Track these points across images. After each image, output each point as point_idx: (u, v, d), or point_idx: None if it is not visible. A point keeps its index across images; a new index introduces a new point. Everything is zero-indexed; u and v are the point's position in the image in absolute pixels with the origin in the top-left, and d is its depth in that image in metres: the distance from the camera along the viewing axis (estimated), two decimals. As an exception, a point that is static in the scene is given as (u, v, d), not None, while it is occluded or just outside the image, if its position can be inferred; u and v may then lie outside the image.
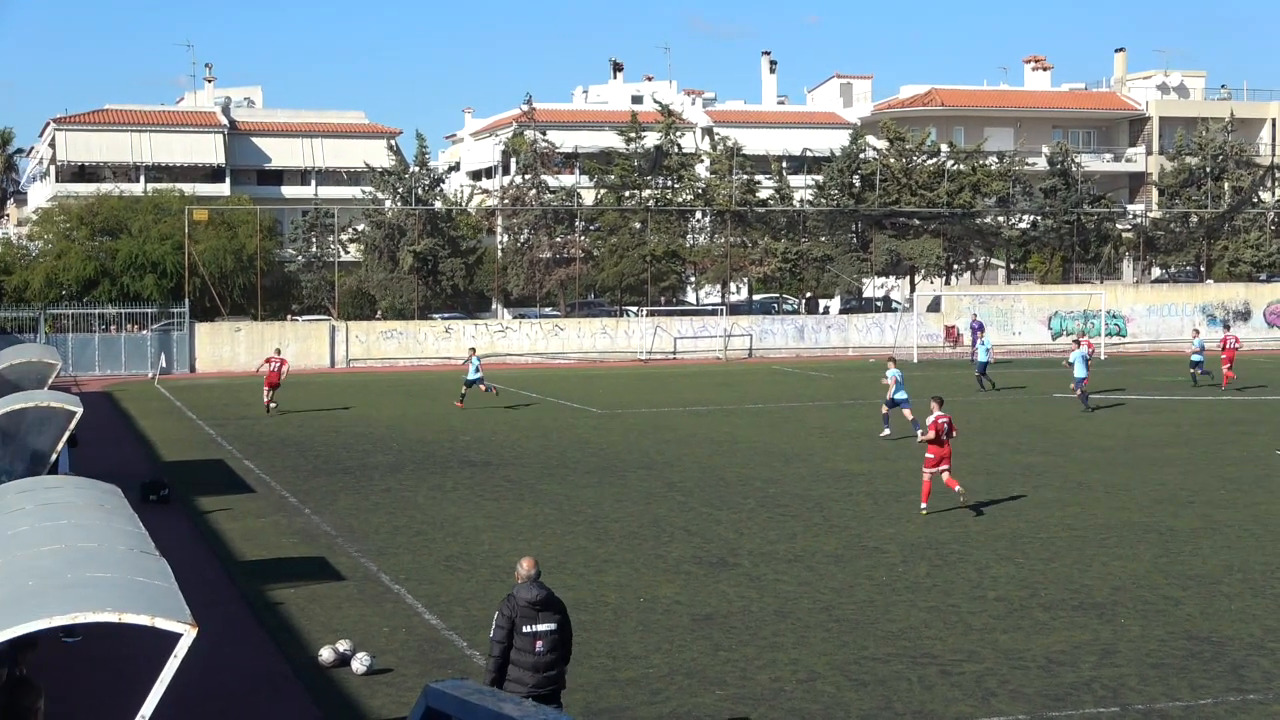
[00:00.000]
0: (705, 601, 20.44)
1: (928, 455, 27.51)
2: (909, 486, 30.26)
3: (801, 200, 79.40)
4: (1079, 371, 45.69)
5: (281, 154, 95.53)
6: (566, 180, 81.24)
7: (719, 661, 17.55)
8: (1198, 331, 59.40)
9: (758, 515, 27.15)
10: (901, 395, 38.70)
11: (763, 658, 17.71)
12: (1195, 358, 54.27)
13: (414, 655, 17.93)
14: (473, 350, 49.50)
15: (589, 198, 79.11)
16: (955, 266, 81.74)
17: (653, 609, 20.05)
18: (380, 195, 76.70)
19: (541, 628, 13.54)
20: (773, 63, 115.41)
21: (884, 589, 21.10)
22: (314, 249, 76.46)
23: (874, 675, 16.91)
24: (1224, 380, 52.96)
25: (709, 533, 25.45)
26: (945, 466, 27.38)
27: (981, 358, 53.46)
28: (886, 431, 38.70)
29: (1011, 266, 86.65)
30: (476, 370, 46.91)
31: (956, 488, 27.21)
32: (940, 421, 27.31)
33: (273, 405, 45.81)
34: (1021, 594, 20.71)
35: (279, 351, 48.24)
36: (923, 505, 27.27)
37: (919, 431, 30.83)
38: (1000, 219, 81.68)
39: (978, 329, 64.59)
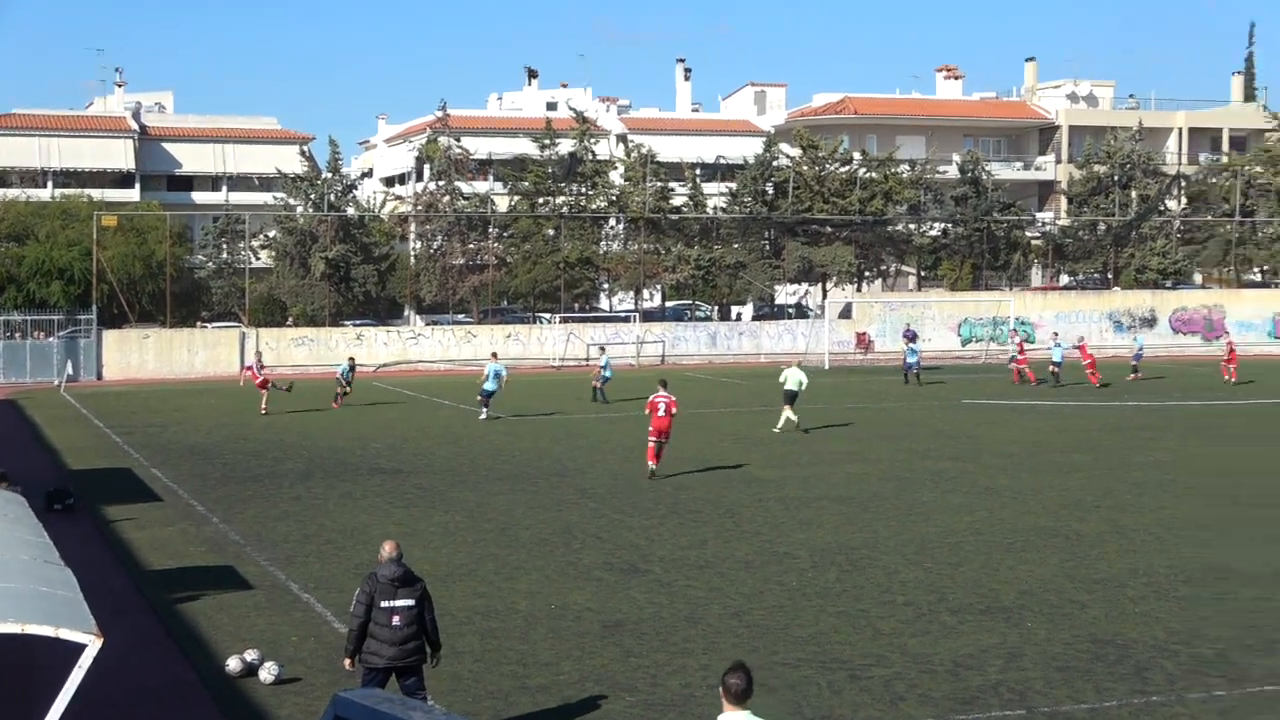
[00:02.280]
0: (616, 608, 20.44)
1: (650, 428, 32.57)
2: (820, 492, 30.44)
3: (715, 207, 79.67)
4: (1056, 356, 57.13)
5: (192, 159, 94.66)
6: (480, 187, 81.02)
7: (629, 668, 17.56)
8: (1056, 334, 63.11)
9: (669, 522, 27.19)
10: (790, 389, 41.74)
11: (673, 664, 17.73)
12: (1056, 359, 58.06)
13: (323, 664, 17.80)
14: (351, 359, 52.44)
15: (503, 204, 78.94)
16: (867, 273, 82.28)
17: (563, 616, 20.03)
18: (292, 201, 76.12)
19: (399, 603, 14.32)
20: (687, 70, 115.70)
21: (794, 594, 21.18)
22: (225, 255, 75.86)
23: (783, 680, 16.97)
24: (1093, 381, 56.57)
25: (620, 539, 25.46)
26: (664, 440, 32.48)
27: (910, 358, 58.40)
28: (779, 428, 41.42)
29: (922, 273, 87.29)
30: (346, 374, 50.09)
31: (654, 464, 32.26)
32: (657, 400, 32.56)
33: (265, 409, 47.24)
34: (930, 598, 20.86)
35: (260, 356, 51.14)
36: (650, 465, 32.37)
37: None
38: (911, 226, 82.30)
39: (910, 337, 65.66)
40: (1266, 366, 69.48)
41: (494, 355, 49.82)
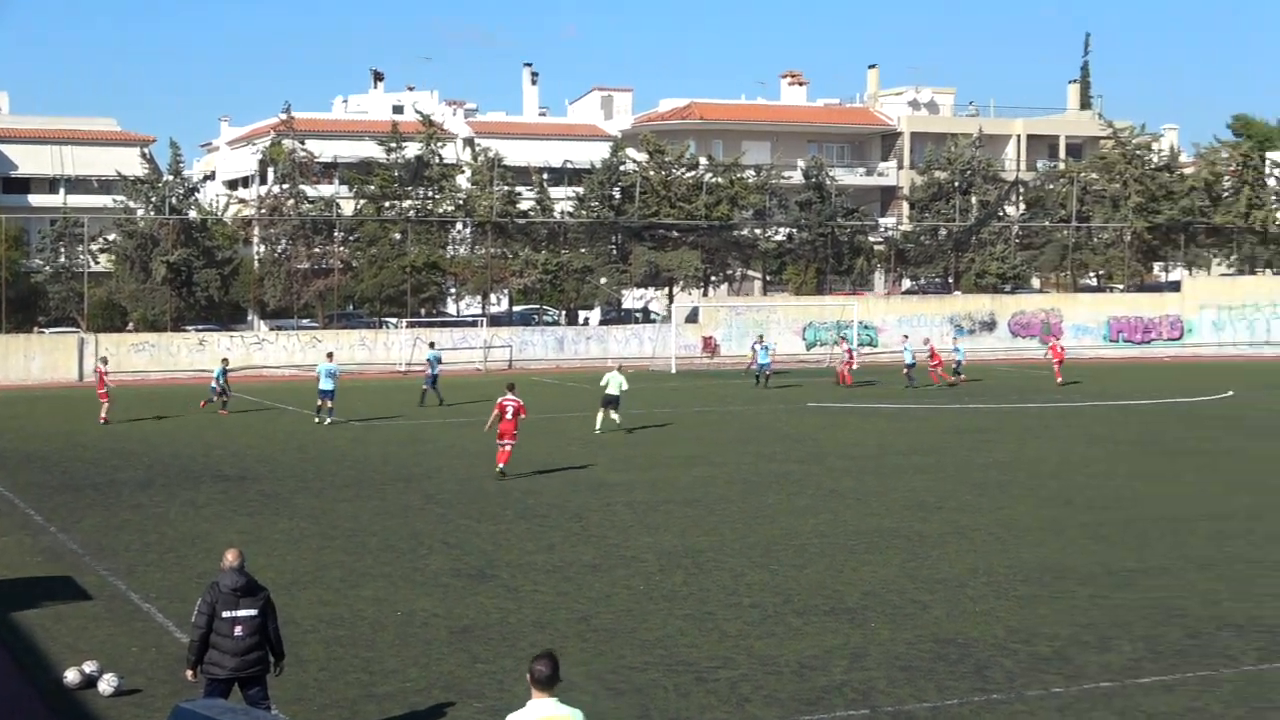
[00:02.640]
0: (463, 614, 20.38)
1: (500, 430, 33.30)
2: (667, 496, 30.59)
3: (562, 212, 79.66)
4: (907, 358, 58.96)
5: (28, 161, 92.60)
6: (325, 190, 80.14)
7: (477, 674, 17.52)
8: (906, 337, 64.14)
9: (516, 526, 27.17)
10: (611, 393, 42.91)
11: (520, 669, 17.63)
12: (908, 361, 59.51)
13: (164, 675, 17.53)
14: (224, 360, 50.76)
15: (348, 208, 78.30)
16: (713, 278, 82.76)
17: (410, 622, 19.92)
18: (132, 204, 74.72)
19: (242, 613, 14.16)
20: (534, 74, 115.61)
21: (641, 598, 21.27)
22: (62, 259, 74.24)
23: (631, 684, 17.03)
24: (934, 379, 59.09)
25: (467, 545, 25.38)
26: (510, 441, 33.20)
27: (763, 359, 59.93)
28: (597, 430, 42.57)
29: (767, 278, 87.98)
30: (220, 377, 48.95)
31: (503, 465, 33.10)
32: (505, 403, 33.32)
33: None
34: (776, 600, 21.05)
35: (104, 362, 49.88)
36: (499, 466, 33.08)
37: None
38: (757, 231, 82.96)
39: (759, 342, 66.49)
40: (1102, 369, 71.06)
41: (329, 355, 49.17)
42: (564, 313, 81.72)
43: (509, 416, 33.27)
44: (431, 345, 56.34)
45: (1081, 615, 20.12)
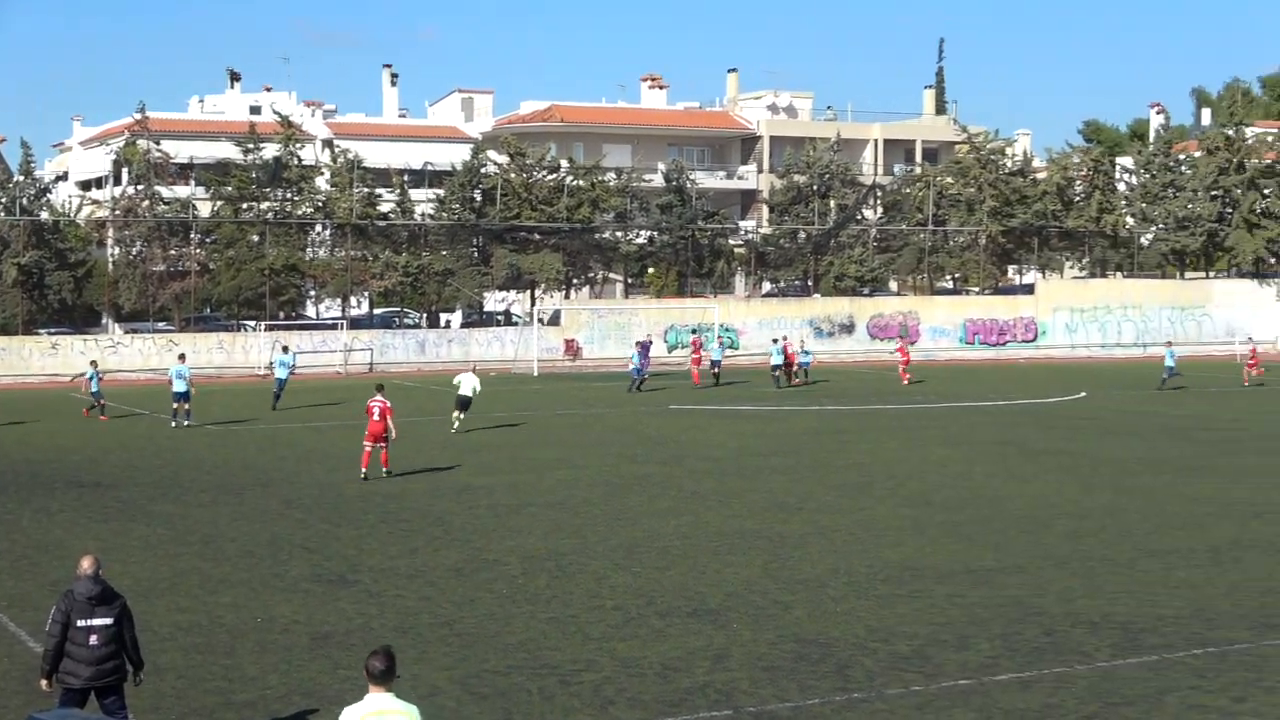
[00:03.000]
0: (324, 620, 20.18)
1: (368, 431, 33.52)
2: (530, 499, 30.54)
3: (423, 214, 79.29)
4: (776, 359, 60.92)
5: None
6: (182, 191, 79.04)
7: (338, 680, 17.34)
8: (776, 340, 64.58)
9: (378, 531, 26.97)
10: (464, 394, 43.68)
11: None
12: (775, 362, 61.19)
13: (17, 685, 17.15)
14: (94, 363, 49.67)
15: (205, 209, 77.26)
16: (575, 280, 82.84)
17: (270, 629, 19.69)
18: (-19, 205, 73.26)
19: (97, 622, 13.87)
20: (394, 75, 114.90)
21: (504, 601, 21.20)
22: (-91, 261, 72.55)
23: (494, 688, 16.97)
24: (790, 382, 61.61)
25: (328, 550, 25.15)
26: (382, 444, 33.43)
27: (716, 355, 62.64)
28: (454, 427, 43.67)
29: (629, 281, 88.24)
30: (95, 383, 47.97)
31: (385, 466, 33.50)
32: (372, 405, 33.64)
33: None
34: (638, 602, 21.08)
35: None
36: (362, 470, 33.25)
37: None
38: (618, 234, 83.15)
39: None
40: (959, 371, 72.15)
41: (181, 358, 48.53)
42: (425, 315, 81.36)
43: (376, 418, 33.45)
44: (285, 349, 55.86)
45: (940, 614, 20.37)
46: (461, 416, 43.92)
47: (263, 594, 21.76)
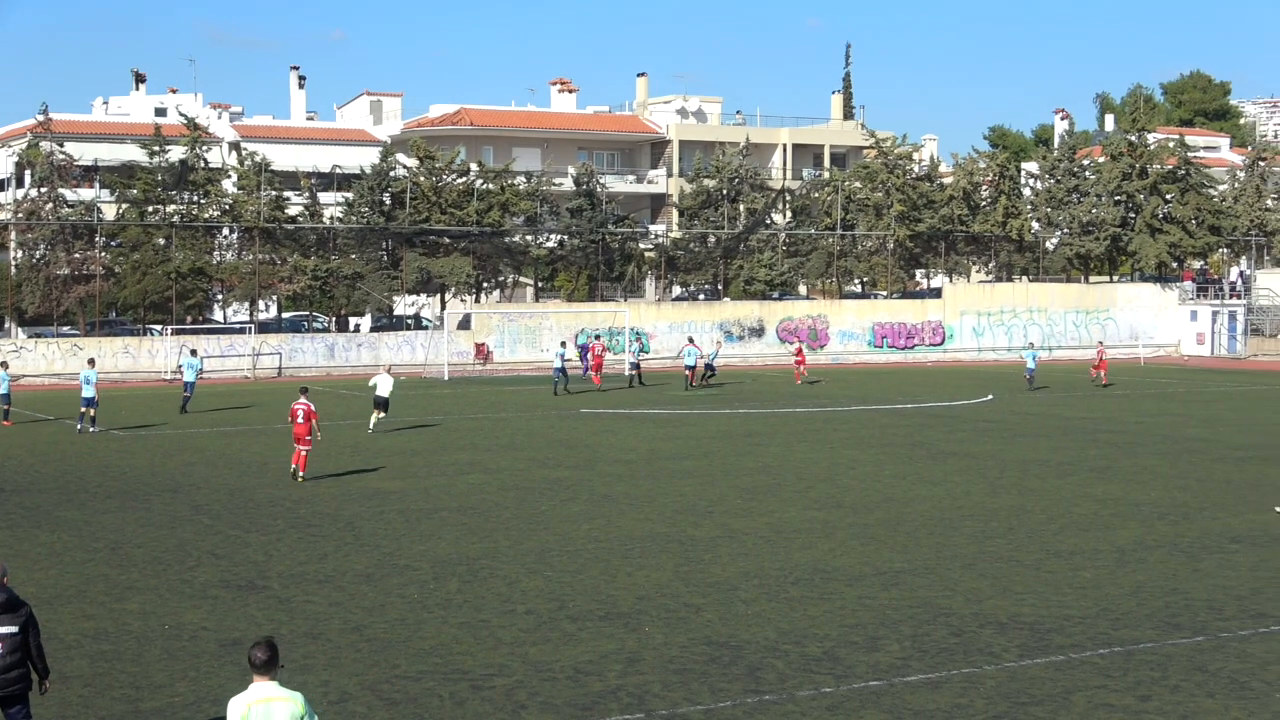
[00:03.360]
0: (233, 626, 20.02)
1: (294, 433, 34.13)
2: (441, 503, 30.44)
3: (332, 217, 78.84)
4: (689, 360, 61.87)
5: None
6: (86, 194, 78.17)
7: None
8: (691, 340, 65.46)
9: (287, 536, 26.79)
10: (382, 394, 44.25)
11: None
12: (688, 364, 62.32)
13: (-81, 695, 16.90)
14: (4, 364, 48.79)
15: (110, 212, 76.37)
16: (485, 284, 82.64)
17: (178, 636, 19.51)
18: (-121, 208, 72.13)
19: (2, 630, 13.66)
20: (301, 78, 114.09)
21: (416, 606, 21.13)
22: None
23: (406, 693, 16.91)
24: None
25: (237, 556, 24.95)
26: (305, 447, 33.97)
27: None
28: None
29: (540, 284, 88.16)
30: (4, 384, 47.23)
31: (302, 470, 33.86)
32: (296, 407, 34.22)
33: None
34: (550, 606, 21.08)
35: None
36: (297, 470, 33.88)
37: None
38: (528, 238, 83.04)
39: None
40: (867, 374, 72.63)
41: (90, 362, 48.03)
42: (334, 319, 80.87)
43: (300, 420, 34.07)
44: (193, 353, 55.42)
45: (850, 616, 20.51)
46: (381, 416, 44.44)
47: (171, 600, 21.57)
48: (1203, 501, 30.96)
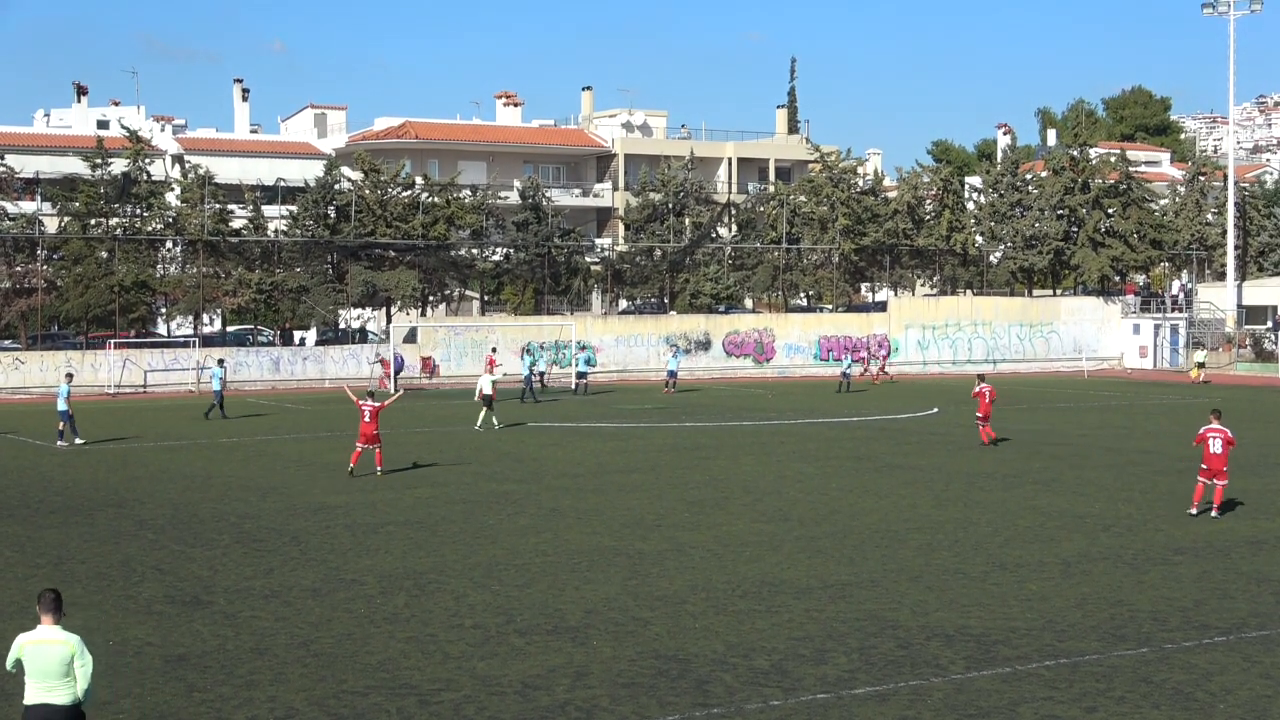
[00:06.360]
0: (178, 642, 19.88)
1: (362, 432, 36.47)
2: (388, 517, 30.32)
3: (276, 230, 78.51)
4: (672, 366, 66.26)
5: None
6: (27, 207, 77.59)
7: (193, 703, 17.10)
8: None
9: (233, 551, 26.62)
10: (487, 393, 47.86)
11: (239, 696, 17.36)
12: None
13: None
14: None
15: (52, 225, 75.87)
16: (431, 298, 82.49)
17: (122, 652, 19.36)
18: None
19: None
20: (245, 90, 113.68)
21: (363, 621, 21.03)
22: None
23: (352, 709, 16.83)
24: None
25: (182, 571, 24.78)
26: (376, 445, 36.55)
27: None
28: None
29: (486, 298, 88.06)
30: None
31: (379, 465, 36.15)
32: (363, 406, 36.90)
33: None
34: (498, 620, 21.02)
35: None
36: (350, 467, 36.11)
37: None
38: (474, 251, 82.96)
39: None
40: (813, 387, 72.76)
41: (69, 377, 48.33)
42: (279, 333, 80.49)
43: (367, 419, 37.35)
44: (220, 363, 55.94)
45: (798, 628, 20.54)
46: (488, 413, 49.60)
47: (115, 616, 21.39)
48: (1146, 514, 31.20)
